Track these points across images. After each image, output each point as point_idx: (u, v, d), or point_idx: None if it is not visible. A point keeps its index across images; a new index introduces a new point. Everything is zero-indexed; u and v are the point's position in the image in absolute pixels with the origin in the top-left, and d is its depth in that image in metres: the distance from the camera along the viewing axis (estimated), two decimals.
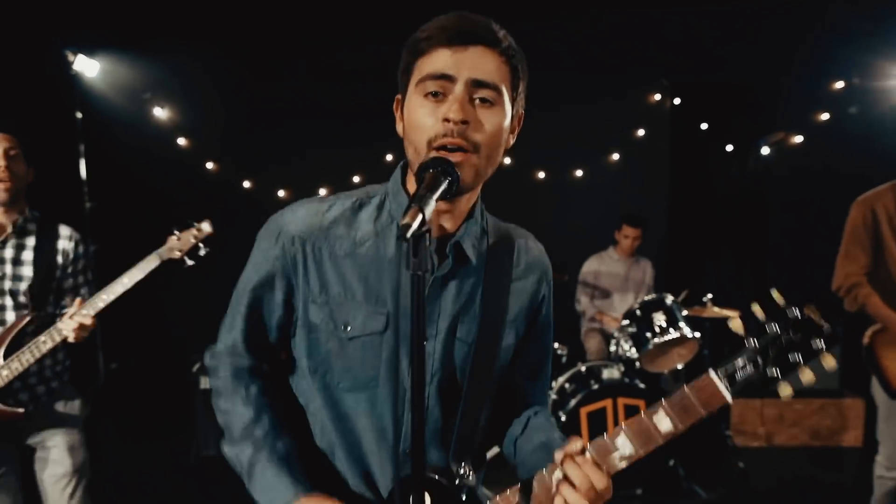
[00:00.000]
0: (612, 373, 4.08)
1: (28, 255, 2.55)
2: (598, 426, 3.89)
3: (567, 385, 4.14)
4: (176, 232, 2.61)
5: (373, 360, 1.20)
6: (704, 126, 6.25)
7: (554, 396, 4.20)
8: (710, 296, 4.30)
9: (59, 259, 2.61)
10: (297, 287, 1.23)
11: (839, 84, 5.79)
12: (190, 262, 2.65)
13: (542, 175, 6.15)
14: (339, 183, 5.80)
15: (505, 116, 1.16)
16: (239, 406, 1.25)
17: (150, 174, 5.46)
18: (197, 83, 5.78)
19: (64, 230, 2.65)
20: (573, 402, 3.89)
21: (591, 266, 5.05)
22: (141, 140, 5.55)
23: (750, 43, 5.63)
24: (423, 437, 1.00)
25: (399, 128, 1.23)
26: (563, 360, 4.45)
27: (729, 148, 6.31)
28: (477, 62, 1.12)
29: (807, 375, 1.13)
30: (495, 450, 1.44)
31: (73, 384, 2.75)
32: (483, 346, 1.25)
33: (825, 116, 5.81)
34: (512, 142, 1.26)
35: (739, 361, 1.13)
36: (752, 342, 1.13)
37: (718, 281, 5.46)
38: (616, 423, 3.87)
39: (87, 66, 5.14)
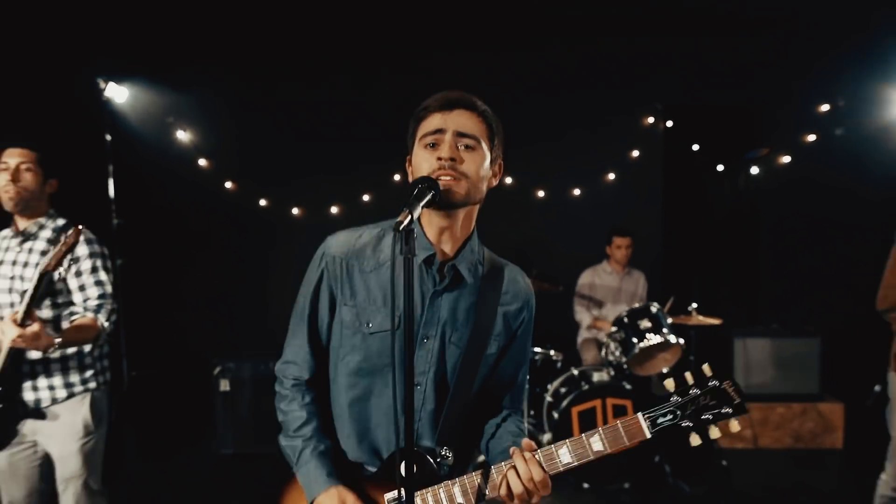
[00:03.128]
0: (602, 376, 4.24)
1: (34, 258, 2.57)
2: (588, 424, 4.04)
3: (561, 388, 4.31)
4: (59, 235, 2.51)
5: (386, 351, 1.50)
6: (696, 147, 6.26)
7: (549, 399, 4.37)
8: (694, 305, 4.48)
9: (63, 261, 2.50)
10: (336, 293, 1.55)
11: (825, 107, 5.87)
12: (59, 274, 2.48)
13: (541, 194, 6.17)
14: (349, 202, 5.92)
15: (484, 158, 1.47)
16: (296, 410, 1.58)
17: (173, 193, 5.52)
18: (216, 109, 5.86)
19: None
20: (565, 403, 4.06)
21: (585, 279, 5.18)
22: (165, 161, 5.57)
23: (740, 68, 5.72)
24: (412, 415, 1.29)
25: (409, 174, 1.55)
26: (559, 365, 4.60)
27: (720, 168, 6.30)
28: (460, 120, 1.46)
29: (714, 432, 1.37)
30: (482, 457, 1.72)
31: (93, 398, 2.63)
32: (470, 352, 1.54)
33: (812, 137, 5.87)
34: (495, 183, 1.57)
35: (663, 410, 1.38)
36: (677, 398, 1.38)
37: (708, 293, 5.56)
38: (605, 421, 4.04)
39: (117, 93, 5.28)
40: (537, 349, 4.70)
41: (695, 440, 1.36)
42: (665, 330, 4.12)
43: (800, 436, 4.83)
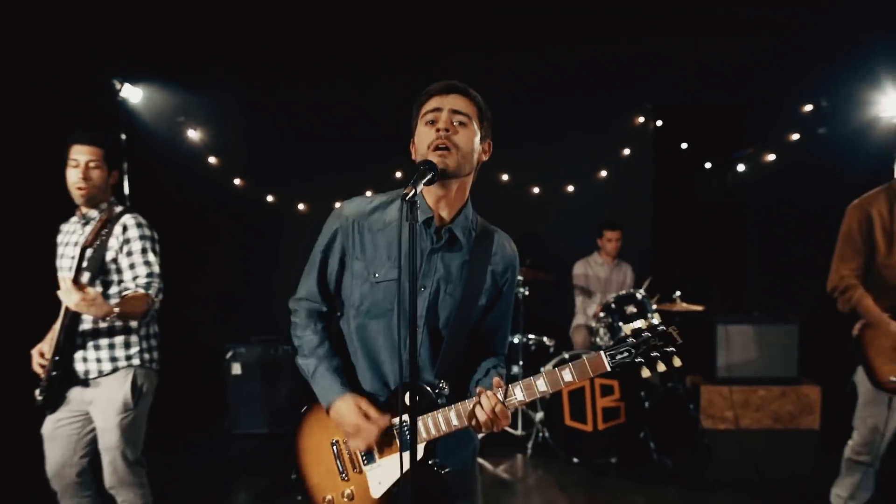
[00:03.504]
0: None
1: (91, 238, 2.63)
2: (577, 401, 4.30)
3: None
4: None
5: (390, 297, 1.76)
6: (685, 146, 6.41)
7: None
8: (678, 293, 4.75)
9: (112, 241, 2.68)
10: (348, 248, 1.81)
11: (808, 107, 6.02)
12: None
13: (536, 190, 6.35)
14: (352, 197, 6.30)
15: (475, 134, 1.74)
16: (310, 334, 1.84)
17: (184, 189, 5.68)
18: (225, 109, 6.01)
19: (124, 217, 2.74)
20: None
21: (579, 270, 5.44)
22: (177, 159, 5.73)
23: (727, 70, 5.89)
24: (416, 352, 1.53)
25: (413, 156, 1.80)
26: (551, 350, 4.88)
27: (708, 165, 6.45)
28: (454, 101, 1.72)
29: (660, 367, 1.61)
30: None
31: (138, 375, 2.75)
32: (463, 303, 1.79)
33: (796, 136, 6.04)
34: (485, 158, 1.83)
35: (620, 349, 1.62)
36: (632, 340, 1.63)
37: (695, 283, 5.71)
38: (594, 400, 4.29)
39: (132, 94, 5.35)
40: (531, 336, 4.96)
41: (645, 373, 1.61)
42: (650, 315, 4.35)
43: (779, 417, 5.06)
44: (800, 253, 5.72)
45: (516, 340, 4.89)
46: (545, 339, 4.93)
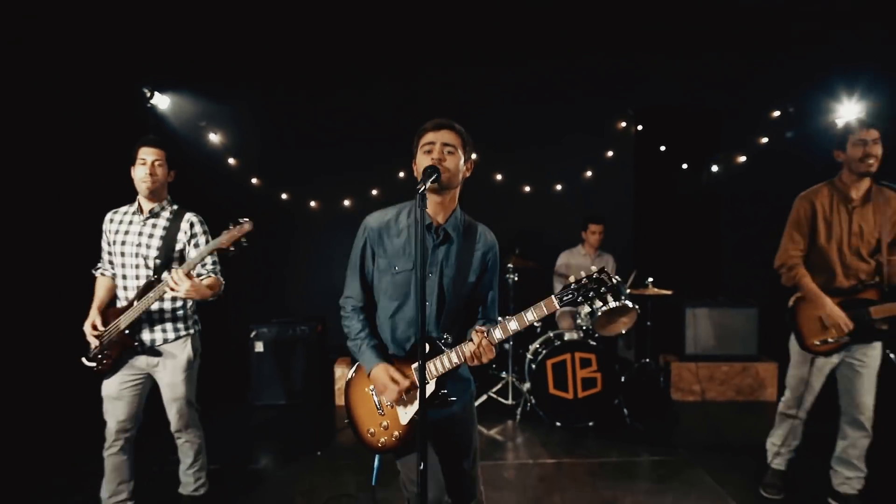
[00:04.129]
0: (572, 335, 4.97)
1: (158, 232, 3.16)
2: (560, 373, 4.83)
3: (539, 347, 5.11)
4: (230, 225, 2.95)
5: (406, 285, 2.36)
6: (663, 148, 6.78)
7: (529, 356, 5.16)
8: (650, 279, 5.27)
9: (180, 235, 3.18)
10: (375, 251, 2.39)
11: (776, 113, 6.47)
12: (233, 251, 2.93)
13: (527, 189, 6.73)
14: (359, 195, 6.47)
15: (460, 159, 2.30)
16: (355, 323, 2.43)
17: (206, 187, 5.70)
18: (243, 115, 6.38)
19: (187, 215, 3.23)
20: (541, 356, 4.86)
21: (563, 259, 5.89)
22: (199, 159, 6.01)
23: (703, 79, 6.25)
24: (424, 319, 2.06)
25: (414, 171, 2.36)
26: (538, 330, 5.38)
27: (684, 166, 6.80)
28: (444, 136, 2.29)
29: (597, 304, 2.09)
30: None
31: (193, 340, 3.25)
32: (458, 280, 2.38)
33: (765, 140, 6.47)
34: (468, 175, 2.38)
35: (566, 293, 2.09)
36: (575, 285, 2.09)
37: (673, 272, 6.04)
38: (574, 371, 4.86)
39: (160, 101, 5.84)
40: None
41: (586, 309, 2.18)
42: (623, 297, 4.88)
43: (740, 389, 5.57)
44: (765, 244, 6.14)
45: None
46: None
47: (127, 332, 3.11)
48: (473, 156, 2.43)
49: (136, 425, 3.27)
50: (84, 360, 3.21)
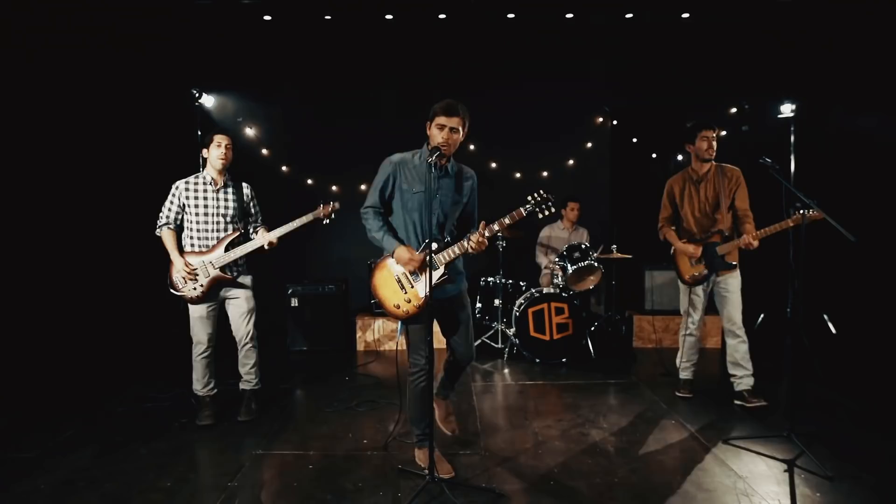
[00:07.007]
0: (549, 290, 5.96)
1: (231, 196, 4.10)
2: (538, 319, 5.83)
3: (522, 301, 6.13)
4: (322, 204, 4.16)
5: (420, 201, 3.27)
6: (635, 140, 7.57)
7: (515, 310, 6.14)
8: (614, 246, 6.26)
9: (245, 199, 4.16)
10: (398, 178, 3.29)
11: (734, 109, 7.21)
12: (326, 222, 4.11)
13: (518, 175, 7.46)
14: (372, 181, 7.34)
15: (461, 135, 3.28)
16: (378, 221, 3.31)
17: (244, 174, 6.15)
18: (275, 112, 7.11)
19: (243, 184, 4.19)
20: (523, 306, 5.86)
21: (545, 233, 6.80)
22: (237, 150, 5.87)
23: (669, 79, 6.95)
24: (431, 227, 3.13)
25: (427, 130, 3.28)
26: (523, 288, 6.32)
27: (654, 155, 7.59)
28: (452, 121, 3.23)
29: (546, 212, 3.13)
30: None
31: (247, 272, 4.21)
32: (455, 201, 3.33)
33: (724, 133, 7.12)
34: (463, 138, 3.35)
35: (527, 206, 3.09)
36: (532, 201, 3.14)
37: (641, 242, 6.61)
38: (550, 317, 5.87)
39: (206, 101, 6.39)
40: (510, 281, 6.49)
41: (540, 215, 3.07)
42: (590, 259, 5.93)
43: None
44: None
45: (498, 282, 6.42)
46: (521, 282, 6.49)
47: (220, 271, 4.09)
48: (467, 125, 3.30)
49: (217, 337, 4.23)
50: (172, 290, 4.07)
